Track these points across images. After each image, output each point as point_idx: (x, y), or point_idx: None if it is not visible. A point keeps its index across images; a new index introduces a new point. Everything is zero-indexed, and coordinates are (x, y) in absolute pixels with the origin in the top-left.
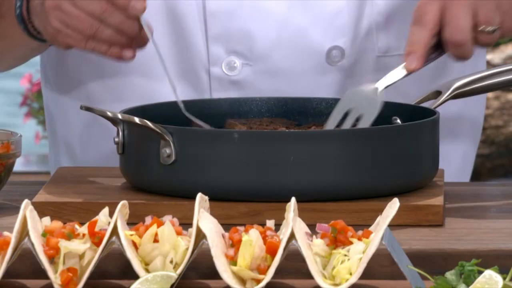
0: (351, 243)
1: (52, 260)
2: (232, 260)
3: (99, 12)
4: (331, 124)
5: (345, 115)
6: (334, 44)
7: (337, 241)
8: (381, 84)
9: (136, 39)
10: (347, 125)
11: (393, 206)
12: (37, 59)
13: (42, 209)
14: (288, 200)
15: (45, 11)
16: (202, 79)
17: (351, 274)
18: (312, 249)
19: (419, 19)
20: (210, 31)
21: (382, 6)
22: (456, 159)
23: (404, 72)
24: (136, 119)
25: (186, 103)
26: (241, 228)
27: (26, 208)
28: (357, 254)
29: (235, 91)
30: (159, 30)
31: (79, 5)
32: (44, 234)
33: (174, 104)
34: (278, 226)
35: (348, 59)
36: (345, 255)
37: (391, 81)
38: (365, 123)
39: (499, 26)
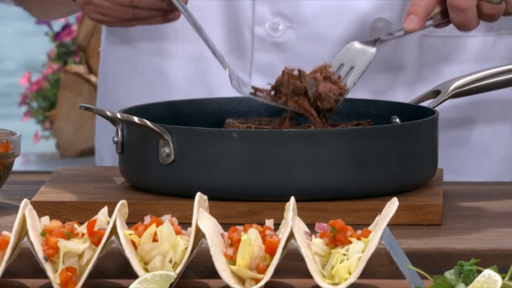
0: (350, 242)
1: (46, 258)
2: (231, 260)
3: (128, 2)
4: None
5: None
6: (380, 16)
7: (336, 241)
8: (378, 39)
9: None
10: (341, 75)
11: (392, 205)
12: (36, 58)
13: (41, 209)
14: (287, 200)
15: (80, 6)
16: (246, 39)
17: (350, 273)
18: (311, 248)
19: None
20: None
21: None
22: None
23: (402, 32)
24: (135, 119)
25: (184, 103)
26: (240, 228)
27: (25, 208)
28: (356, 254)
29: (276, 54)
30: None
31: None
32: (43, 234)
33: (173, 104)
34: (277, 226)
35: (392, 28)
36: (344, 255)
37: (388, 38)
38: (356, 74)
39: None
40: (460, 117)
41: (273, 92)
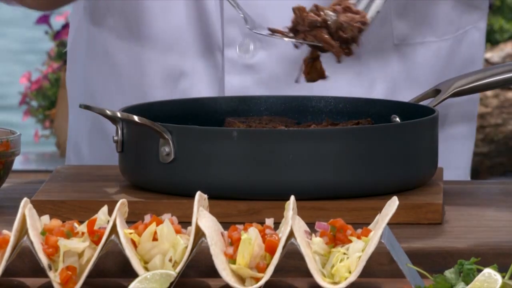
0: (350, 241)
1: (50, 266)
2: (231, 259)
3: None
4: None
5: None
6: None
7: (336, 240)
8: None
9: None
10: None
11: (392, 204)
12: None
13: (41, 208)
14: (287, 199)
15: None
16: (218, 61)
17: (350, 272)
18: (311, 247)
19: None
20: (226, 12)
21: None
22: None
23: None
24: (135, 118)
25: (184, 101)
26: (240, 227)
27: (25, 207)
28: (356, 253)
29: (249, 76)
30: (180, 6)
31: None
32: (43, 233)
33: (173, 102)
34: (277, 225)
35: (364, 48)
36: (344, 254)
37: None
38: (377, 3)
39: None
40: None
41: (291, 34)
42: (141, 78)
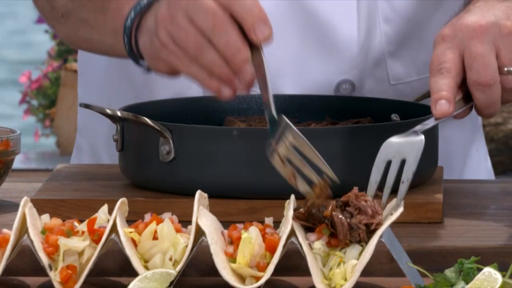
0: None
1: (51, 267)
2: (232, 258)
3: (210, 27)
4: (374, 178)
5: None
6: (343, 78)
7: (331, 243)
8: (418, 128)
9: (242, 74)
10: (392, 174)
11: (397, 208)
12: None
13: (41, 206)
14: (287, 198)
15: (157, 23)
16: None
17: (345, 279)
18: (311, 247)
19: (439, 70)
20: None
21: (391, 35)
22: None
23: (435, 120)
24: (135, 117)
25: (184, 100)
26: (240, 226)
27: (26, 206)
28: (352, 259)
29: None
30: None
31: (192, 16)
32: (43, 232)
33: (173, 101)
34: (276, 224)
35: (359, 91)
36: (341, 258)
37: (428, 125)
38: (411, 166)
39: None
40: None
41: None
42: (151, 89)
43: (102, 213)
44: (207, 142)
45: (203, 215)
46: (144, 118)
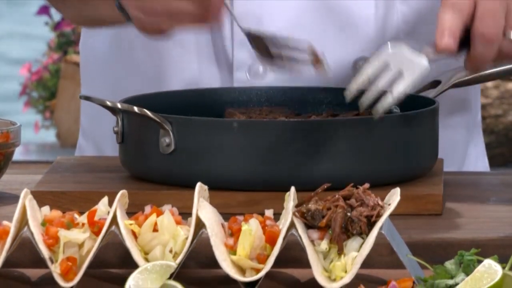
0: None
1: (52, 260)
2: (232, 250)
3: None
4: (366, 72)
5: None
6: (360, 55)
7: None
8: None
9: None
10: (384, 77)
11: (394, 197)
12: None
13: (41, 198)
14: (287, 190)
15: (126, 5)
16: (228, 84)
17: (346, 272)
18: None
19: (452, 5)
20: (236, 35)
21: (408, 14)
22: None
23: (437, 52)
24: (136, 109)
25: (184, 92)
26: (241, 218)
27: (26, 197)
28: (353, 252)
29: None
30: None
31: None
32: (43, 224)
33: (174, 93)
34: (276, 216)
35: None
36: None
37: (438, 58)
38: (405, 81)
39: None
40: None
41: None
42: (159, 80)
43: (102, 205)
44: (207, 134)
45: (203, 207)
46: (145, 110)
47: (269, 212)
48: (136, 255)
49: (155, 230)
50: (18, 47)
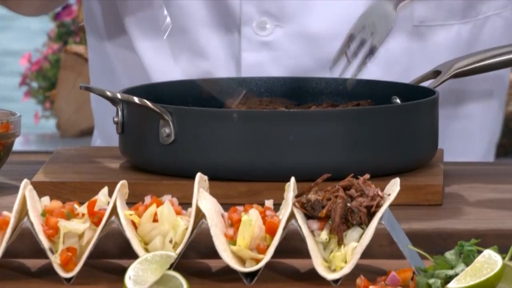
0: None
1: (52, 251)
2: (232, 240)
3: None
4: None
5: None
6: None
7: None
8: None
9: None
10: (356, 42)
11: (394, 187)
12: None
13: (41, 189)
14: (287, 180)
15: None
16: (234, 39)
17: (345, 262)
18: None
19: None
20: None
21: None
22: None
23: None
24: (136, 99)
25: (184, 83)
26: (241, 208)
27: (26, 188)
28: (353, 242)
29: (265, 53)
30: None
31: None
32: (43, 214)
33: (173, 84)
34: (276, 206)
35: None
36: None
37: None
38: (378, 39)
39: None
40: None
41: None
42: (156, 58)
43: (102, 196)
44: (207, 124)
45: (203, 198)
46: (144, 100)
47: (269, 203)
48: (136, 246)
49: (155, 220)
50: (17, 38)
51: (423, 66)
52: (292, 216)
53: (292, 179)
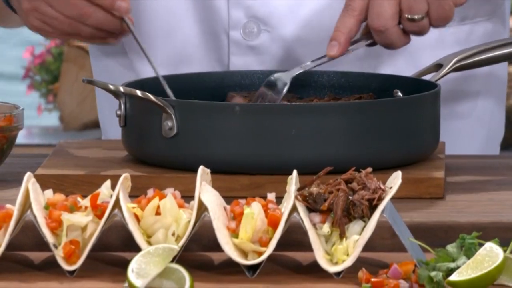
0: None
1: (56, 246)
2: (234, 233)
3: (78, 16)
4: None
5: None
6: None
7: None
8: (295, 71)
9: (118, 31)
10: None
11: (396, 180)
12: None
13: (44, 182)
14: (289, 173)
15: (24, 12)
16: (222, 42)
17: (348, 255)
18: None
19: (346, 7)
20: None
21: None
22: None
23: (326, 59)
24: (138, 92)
25: (186, 76)
26: (243, 201)
27: (29, 181)
28: (354, 235)
29: (252, 56)
30: None
31: (56, 7)
32: (46, 207)
33: (176, 77)
34: (278, 199)
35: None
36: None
37: (311, 65)
38: None
39: (424, 15)
40: (447, 91)
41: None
42: (143, 64)
43: (105, 189)
44: (210, 117)
45: (205, 191)
46: (147, 93)
47: (271, 196)
48: (139, 238)
49: (157, 213)
50: (20, 30)
51: (411, 63)
52: (294, 209)
53: (294, 172)
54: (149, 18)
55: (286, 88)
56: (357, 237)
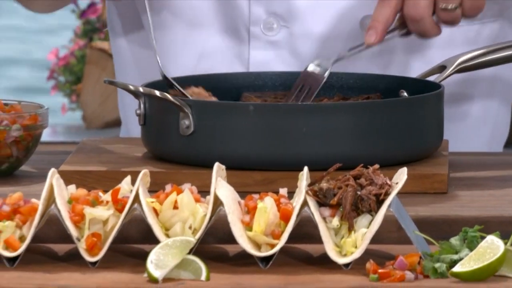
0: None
1: (78, 239)
2: (248, 226)
3: None
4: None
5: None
6: (369, 13)
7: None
8: (335, 58)
9: None
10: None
11: (402, 176)
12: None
13: (68, 177)
14: (300, 169)
15: None
16: (243, 38)
17: (356, 247)
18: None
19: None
20: None
21: None
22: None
23: (364, 46)
24: (157, 92)
25: (203, 77)
26: (256, 196)
27: (53, 177)
28: (363, 228)
29: (272, 51)
30: None
31: None
32: (69, 201)
33: (193, 78)
34: (290, 194)
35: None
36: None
37: (350, 54)
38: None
39: (459, 4)
40: (452, 93)
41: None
42: (164, 57)
43: (125, 184)
44: (225, 116)
45: (221, 186)
46: (165, 94)
47: (283, 191)
48: (158, 231)
49: (175, 207)
50: (46, 34)
51: (418, 62)
52: (305, 203)
53: (305, 168)
54: (173, 14)
55: (327, 73)
56: (365, 230)
